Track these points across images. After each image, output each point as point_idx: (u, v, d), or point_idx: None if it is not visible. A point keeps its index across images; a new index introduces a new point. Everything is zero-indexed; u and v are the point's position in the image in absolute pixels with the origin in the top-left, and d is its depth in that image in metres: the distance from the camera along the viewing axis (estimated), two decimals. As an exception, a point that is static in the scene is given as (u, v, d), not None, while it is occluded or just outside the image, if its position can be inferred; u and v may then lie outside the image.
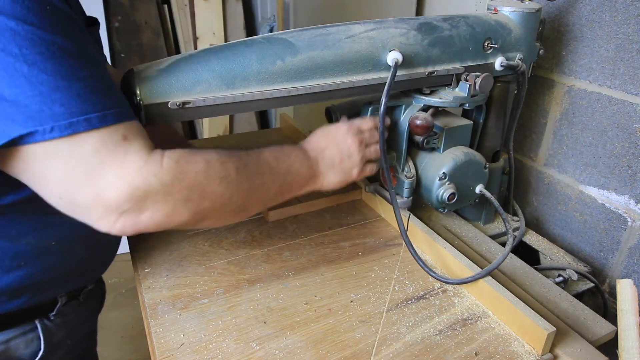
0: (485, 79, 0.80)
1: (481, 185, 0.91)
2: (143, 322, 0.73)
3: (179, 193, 0.58)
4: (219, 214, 0.65)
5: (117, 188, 0.54)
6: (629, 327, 0.71)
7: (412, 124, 0.81)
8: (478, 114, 0.94)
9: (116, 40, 2.38)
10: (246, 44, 0.69)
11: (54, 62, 0.50)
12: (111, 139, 0.54)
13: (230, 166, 0.64)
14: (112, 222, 0.56)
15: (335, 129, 0.80)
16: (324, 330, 0.71)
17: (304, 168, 0.76)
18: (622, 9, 0.87)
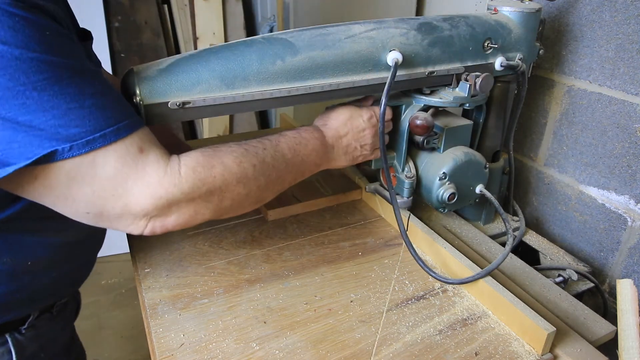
0: (486, 79, 0.80)
1: (481, 185, 0.91)
2: (143, 322, 0.74)
3: (199, 198, 0.63)
4: (238, 209, 0.69)
5: (143, 201, 0.58)
6: (629, 327, 0.71)
7: (412, 124, 0.81)
8: (478, 114, 0.94)
9: (116, 40, 2.38)
10: (246, 44, 0.69)
11: (62, 85, 0.52)
12: (129, 153, 0.57)
13: (247, 165, 0.67)
14: (142, 227, 0.62)
15: (358, 116, 0.81)
16: (324, 330, 0.71)
17: (319, 157, 0.78)
18: (622, 9, 0.87)
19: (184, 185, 0.60)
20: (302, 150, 0.75)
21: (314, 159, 0.77)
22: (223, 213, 0.68)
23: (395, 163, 0.92)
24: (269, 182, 0.70)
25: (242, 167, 0.66)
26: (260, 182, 0.69)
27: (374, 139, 0.83)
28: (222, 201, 0.65)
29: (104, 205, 0.57)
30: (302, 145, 0.75)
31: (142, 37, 2.45)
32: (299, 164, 0.75)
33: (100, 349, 2.00)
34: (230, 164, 0.65)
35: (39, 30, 0.51)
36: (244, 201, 0.68)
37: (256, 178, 0.68)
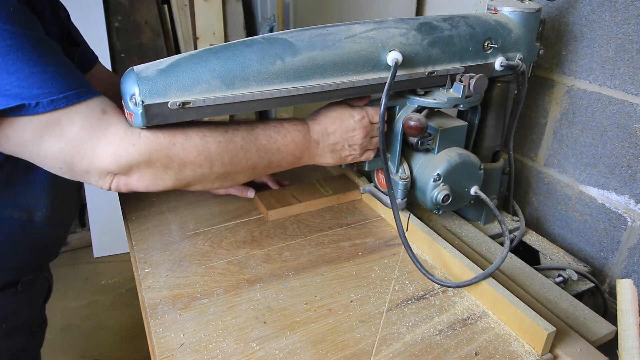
0: (480, 80, 0.80)
1: (476, 186, 0.91)
2: (143, 322, 0.74)
3: (158, 162, 0.66)
4: (202, 181, 0.72)
5: (105, 158, 0.63)
6: (629, 327, 0.71)
7: (406, 125, 0.80)
8: (473, 115, 0.94)
9: (116, 40, 2.38)
10: (246, 44, 0.69)
11: (25, 52, 0.58)
12: (93, 114, 0.63)
13: (210, 140, 0.69)
14: (108, 183, 0.67)
15: (349, 116, 0.81)
16: (324, 330, 0.71)
17: (299, 149, 0.78)
18: (622, 9, 0.87)
19: (142, 147, 0.65)
20: (280, 139, 0.76)
21: (292, 150, 0.78)
22: (186, 184, 0.71)
23: (390, 164, 0.91)
24: (235, 162, 0.72)
25: (205, 140, 0.69)
26: (224, 159, 0.71)
27: (364, 140, 0.83)
28: (182, 170, 0.68)
29: (73, 161, 0.63)
30: (281, 134, 0.76)
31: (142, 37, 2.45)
32: (274, 151, 0.76)
33: (100, 349, 2.00)
34: (192, 135, 0.68)
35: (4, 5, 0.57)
36: (208, 174, 0.71)
37: (220, 154, 0.70)
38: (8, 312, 0.85)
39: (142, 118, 0.63)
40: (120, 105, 0.67)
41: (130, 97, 0.63)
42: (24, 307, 0.89)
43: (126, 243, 0.92)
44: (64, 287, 2.30)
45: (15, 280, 0.84)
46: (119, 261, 2.50)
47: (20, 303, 0.87)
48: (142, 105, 0.63)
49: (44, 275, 0.96)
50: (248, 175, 0.77)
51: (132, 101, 0.63)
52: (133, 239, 0.92)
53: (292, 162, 0.80)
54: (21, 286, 0.86)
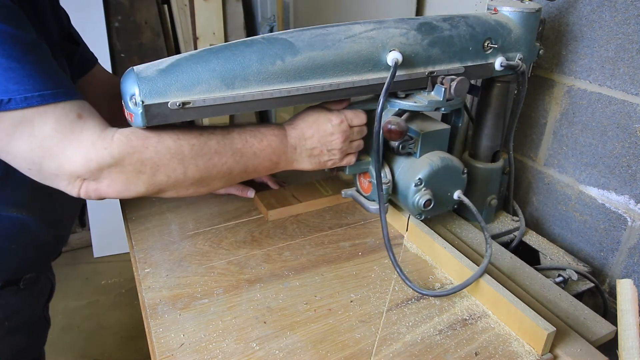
0: (461, 83, 0.78)
1: (459, 191, 0.89)
2: (143, 322, 0.74)
3: (130, 166, 0.65)
4: (176, 187, 0.70)
5: (75, 161, 0.62)
6: (629, 327, 0.71)
7: (385, 128, 0.78)
8: (457, 118, 0.92)
9: (116, 40, 2.38)
10: (246, 44, 0.69)
11: (5, 47, 0.57)
12: (67, 117, 0.61)
13: (184, 143, 0.68)
14: (77, 189, 0.65)
15: (326, 120, 0.79)
16: (324, 330, 0.71)
17: (276, 154, 0.77)
18: (622, 9, 0.87)
19: (114, 150, 0.63)
20: (257, 144, 0.75)
21: (269, 155, 0.76)
22: (159, 189, 0.69)
23: (371, 168, 0.89)
24: (210, 166, 0.71)
25: (178, 143, 0.67)
26: (198, 163, 0.69)
27: (343, 145, 0.81)
28: (156, 175, 0.67)
29: (42, 162, 0.62)
30: (257, 138, 0.75)
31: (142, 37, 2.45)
32: (250, 155, 0.74)
33: (100, 349, 2.00)
34: (166, 138, 0.67)
35: None
36: (182, 180, 0.69)
37: (194, 157, 0.69)
38: (10, 311, 0.85)
39: (142, 118, 0.63)
40: (120, 106, 0.67)
41: (130, 97, 0.63)
42: (26, 306, 0.89)
43: (126, 243, 0.92)
44: (64, 287, 2.30)
45: (17, 279, 0.85)
46: (119, 261, 2.50)
47: (22, 301, 0.88)
48: (142, 106, 0.63)
49: (46, 275, 0.96)
50: (224, 180, 0.75)
51: (132, 101, 0.63)
52: (133, 239, 0.92)
53: (270, 168, 0.78)
54: (23, 284, 0.86)
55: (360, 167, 0.89)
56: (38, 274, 0.91)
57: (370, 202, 0.91)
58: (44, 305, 0.98)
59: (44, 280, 0.95)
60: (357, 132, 0.82)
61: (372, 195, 0.91)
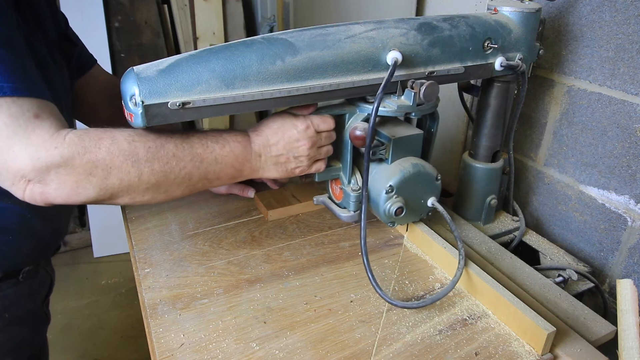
0: (430, 87, 0.75)
1: (433, 198, 0.87)
2: (143, 322, 0.74)
3: (80, 167, 0.62)
4: (130, 192, 0.66)
5: (22, 159, 0.59)
6: (629, 327, 0.71)
7: (352, 134, 0.76)
8: (432, 123, 0.89)
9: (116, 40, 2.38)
10: (246, 44, 0.69)
11: None
12: (23, 115, 0.60)
13: (139, 145, 0.65)
14: (22, 190, 0.61)
15: (291, 126, 0.76)
16: (324, 330, 0.71)
17: (239, 161, 0.74)
18: (622, 9, 0.87)
19: (65, 150, 0.60)
20: (218, 149, 0.72)
21: (231, 162, 0.73)
22: (111, 194, 0.65)
23: (341, 175, 0.86)
24: (168, 171, 0.68)
25: (133, 145, 0.65)
26: (154, 167, 0.66)
27: (311, 151, 0.78)
28: (107, 178, 0.63)
29: None
30: (219, 144, 0.72)
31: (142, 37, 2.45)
32: (211, 161, 0.71)
33: (100, 349, 2.00)
34: (120, 139, 0.64)
35: None
36: (136, 184, 0.66)
37: (149, 160, 0.66)
38: (9, 303, 0.86)
39: (142, 118, 0.63)
40: (119, 107, 0.67)
41: (130, 97, 0.63)
42: (25, 299, 0.90)
43: (126, 243, 0.92)
44: (64, 287, 2.30)
45: (16, 271, 0.85)
46: (119, 261, 2.50)
47: (22, 294, 0.88)
48: (142, 106, 0.63)
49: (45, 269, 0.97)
50: (184, 187, 0.71)
51: (132, 101, 0.63)
52: (133, 239, 0.92)
53: (233, 175, 0.75)
54: (22, 277, 0.86)
55: (331, 174, 0.86)
56: (37, 268, 0.91)
57: (341, 209, 0.88)
58: (44, 299, 0.98)
59: (43, 274, 0.95)
60: (324, 137, 0.79)
61: (343, 203, 0.88)
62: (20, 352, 0.92)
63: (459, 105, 1.10)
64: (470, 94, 1.03)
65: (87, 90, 0.99)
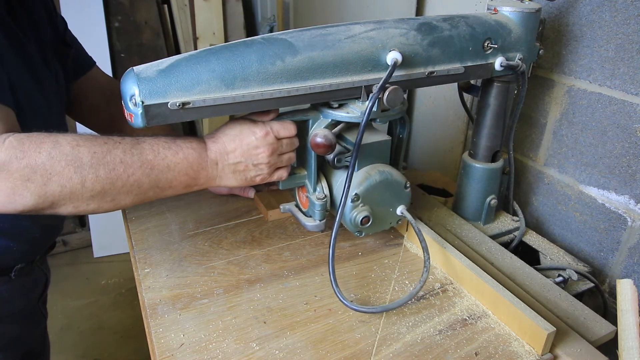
0: (394, 92, 0.72)
1: (403, 206, 0.85)
2: (143, 322, 0.74)
3: (17, 172, 0.58)
4: (73, 199, 0.63)
5: None
6: (629, 327, 0.71)
7: (312, 142, 0.73)
8: (402, 128, 0.87)
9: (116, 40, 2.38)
10: (246, 44, 0.69)
11: None
12: None
13: (83, 150, 0.62)
14: None
15: (250, 133, 0.73)
16: (324, 330, 0.71)
17: (194, 169, 0.71)
18: (622, 9, 0.87)
19: (1, 154, 0.58)
20: (170, 156, 0.69)
21: (185, 169, 0.70)
22: (52, 202, 0.62)
23: (307, 182, 0.84)
24: (114, 178, 0.64)
25: (77, 150, 0.62)
26: (99, 173, 0.63)
27: (271, 159, 0.74)
28: (47, 184, 0.60)
29: None
30: (172, 150, 0.69)
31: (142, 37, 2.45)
32: (163, 168, 0.68)
33: (100, 349, 2.01)
34: (63, 143, 0.61)
35: None
36: (79, 191, 0.62)
37: (93, 166, 0.62)
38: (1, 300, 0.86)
39: (142, 118, 0.63)
40: (117, 109, 0.66)
41: (130, 97, 0.63)
42: (18, 296, 0.90)
43: (126, 243, 0.92)
44: (64, 287, 2.30)
45: (7, 268, 0.85)
46: (119, 261, 2.50)
47: (14, 291, 0.88)
48: (142, 106, 0.63)
49: (40, 267, 0.97)
50: (133, 195, 0.67)
51: (132, 102, 0.63)
52: (133, 239, 0.92)
53: (187, 183, 0.72)
54: (15, 275, 0.86)
55: (295, 182, 0.84)
56: (31, 266, 0.91)
57: (307, 218, 0.86)
58: (39, 297, 0.98)
59: (38, 272, 0.95)
60: (286, 144, 0.76)
61: (309, 211, 0.85)
62: (14, 349, 0.93)
63: (459, 105, 1.10)
64: (470, 94, 1.03)
65: (86, 91, 1.00)
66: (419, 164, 1.57)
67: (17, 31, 0.74)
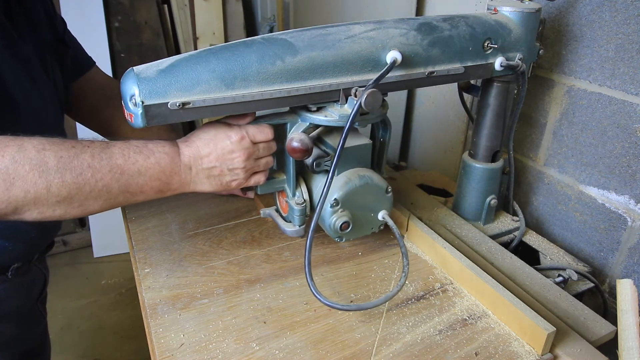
0: (372, 95, 0.70)
1: (384, 211, 0.83)
2: (143, 322, 0.74)
3: None
4: (38, 205, 0.61)
5: None
6: (629, 327, 0.71)
7: (288, 146, 0.72)
8: (384, 132, 0.86)
9: (116, 40, 2.38)
10: (246, 44, 0.69)
11: None
12: None
13: (49, 154, 0.60)
14: None
15: (225, 137, 0.71)
16: (324, 330, 0.71)
17: (166, 174, 0.69)
18: (622, 9, 0.87)
19: None
20: (141, 161, 0.67)
21: (157, 174, 0.68)
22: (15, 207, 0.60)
23: (286, 187, 0.83)
24: (81, 183, 0.62)
25: (42, 154, 0.60)
26: (65, 178, 0.61)
27: (247, 163, 0.73)
28: (10, 189, 0.58)
29: None
30: (143, 154, 0.67)
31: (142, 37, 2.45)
32: (133, 173, 0.66)
33: (100, 349, 2.01)
34: (28, 147, 0.59)
35: None
36: (45, 197, 0.61)
37: (59, 171, 0.60)
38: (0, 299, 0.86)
39: (142, 118, 0.63)
40: (117, 109, 0.66)
41: (130, 97, 0.63)
42: (15, 296, 0.89)
43: (126, 243, 0.92)
44: (64, 287, 2.30)
45: (4, 268, 0.85)
46: (119, 261, 2.50)
47: (11, 291, 0.88)
48: (142, 106, 0.63)
49: (38, 267, 0.96)
50: (102, 200, 0.65)
51: (132, 102, 0.63)
52: (133, 239, 0.92)
53: (159, 189, 0.70)
54: (12, 274, 0.86)
55: (274, 186, 0.82)
56: (29, 265, 0.91)
57: (287, 223, 0.84)
58: (38, 297, 0.98)
59: (36, 272, 0.95)
60: (262, 148, 0.75)
61: (288, 216, 0.84)
62: (12, 348, 0.93)
63: (459, 105, 1.10)
64: (470, 94, 1.03)
65: (86, 92, 1.00)
66: (419, 164, 1.57)
67: (12, 32, 0.74)
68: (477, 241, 0.95)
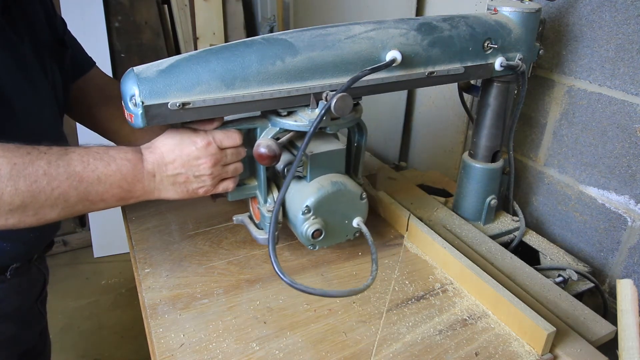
0: (342, 100, 0.68)
1: (359, 218, 0.81)
2: (143, 322, 0.74)
3: None
4: None
5: None
6: (629, 327, 0.71)
7: (255, 152, 0.70)
8: (360, 137, 0.84)
9: (116, 40, 2.38)
10: (246, 45, 0.69)
11: None
12: None
13: (2, 161, 0.59)
14: None
15: (190, 143, 0.69)
16: (324, 331, 0.71)
17: (128, 181, 0.67)
18: (622, 9, 0.87)
19: None
20: (102, 168, 0.65)
21: (118, 181, 0.66)
22: None
23: (257, 194, 0.81)
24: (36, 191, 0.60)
25: None
26: (19, 186, 0.59)
27: (214, 170, 0.71)
28: None
29: None
30: (104, 161, 0.65)
31: (142, 37, 2.45)
32: (93, 181, 0.64)
33: (100, 349, 2.00)
34: None
35: None
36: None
37: (12, 178, 0.58)
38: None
39: (142, 119, 0.63)
40: (116, 109, 0.66)
41: (130, 97, 0.63)
42: (13, 296, 0.89)
43: (126, 243, 0.92)
44: (64, 287, 2.30)
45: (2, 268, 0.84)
46: (119, 261, 2.50)
47: (10, 291, 0.87)
48: (142, 106, 0.63)
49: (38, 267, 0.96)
50: (59, 209, 0.63)
51: (132, 102, 0.63)
52: (133, 239, 0.92)
53: (121, 196, 0.68)
54: (10, 274, 0.85)
55: (245, 192, 0.81)
56: (28, 266, 0.91)
57: (258, 231, 0.83)
58: (37, 297, 0.98)
59: (35, 272, 0.95)
60: (230, 154, 0.73)
61: (260, 224, 0.83)
62: (11, 349, 0.92)
63: (459, 105, 1.10)
64: (470, 94, 1.03)
65: (85, 92, 1.00)
66: (419, 164, 1.57)
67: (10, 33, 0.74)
68: (477, 241, 0.95)
